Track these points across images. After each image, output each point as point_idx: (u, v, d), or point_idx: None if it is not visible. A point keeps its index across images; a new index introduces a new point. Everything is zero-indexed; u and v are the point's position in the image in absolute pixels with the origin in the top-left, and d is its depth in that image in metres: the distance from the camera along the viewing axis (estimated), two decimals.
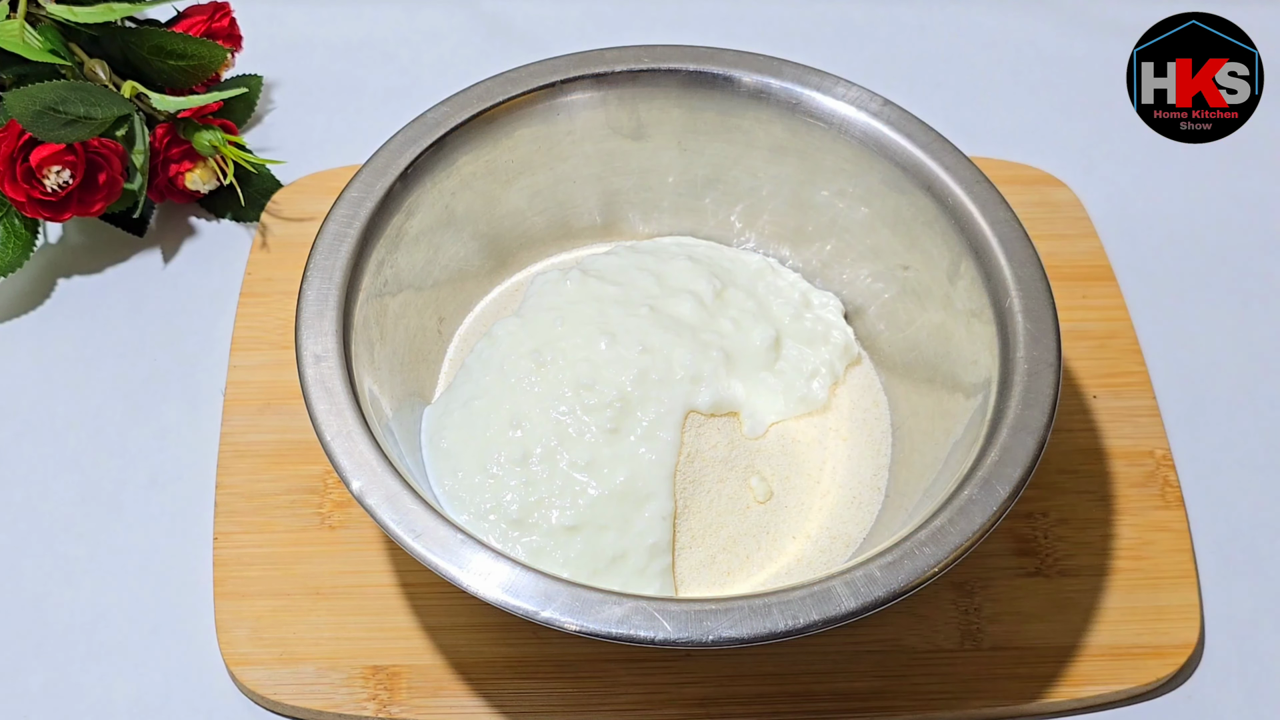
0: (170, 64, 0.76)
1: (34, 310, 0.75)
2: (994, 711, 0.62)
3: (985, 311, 0.61)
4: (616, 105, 0.68)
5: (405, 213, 0.64)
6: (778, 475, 0.63)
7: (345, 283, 0.60)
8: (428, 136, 0.64)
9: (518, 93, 0.66)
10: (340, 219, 0.61)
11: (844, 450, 0.65)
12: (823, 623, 0.51)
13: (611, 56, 0.67)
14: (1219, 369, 0.74)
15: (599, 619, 0.50)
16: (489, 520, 0.60)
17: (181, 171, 0.76)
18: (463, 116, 0.65)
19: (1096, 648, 0.63)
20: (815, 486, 0.64)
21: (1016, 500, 0.54)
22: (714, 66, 0.67)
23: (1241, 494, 0.70)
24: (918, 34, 0.92)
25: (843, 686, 0.61)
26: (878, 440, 0.66)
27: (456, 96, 0.66)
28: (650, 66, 0.67)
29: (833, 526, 0.63)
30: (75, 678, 0.63)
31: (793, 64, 0.67)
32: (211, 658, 0.63)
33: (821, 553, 0.62)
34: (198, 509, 0.67)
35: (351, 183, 0.63)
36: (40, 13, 0.74)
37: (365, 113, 0.85)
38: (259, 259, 0.76)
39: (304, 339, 0.57)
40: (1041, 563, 0.65)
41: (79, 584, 0.65)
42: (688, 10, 0.92)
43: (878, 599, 0.51)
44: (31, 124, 0.69)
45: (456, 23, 0.91)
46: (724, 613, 0.51)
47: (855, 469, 0.65)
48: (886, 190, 0.65)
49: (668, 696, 0.61)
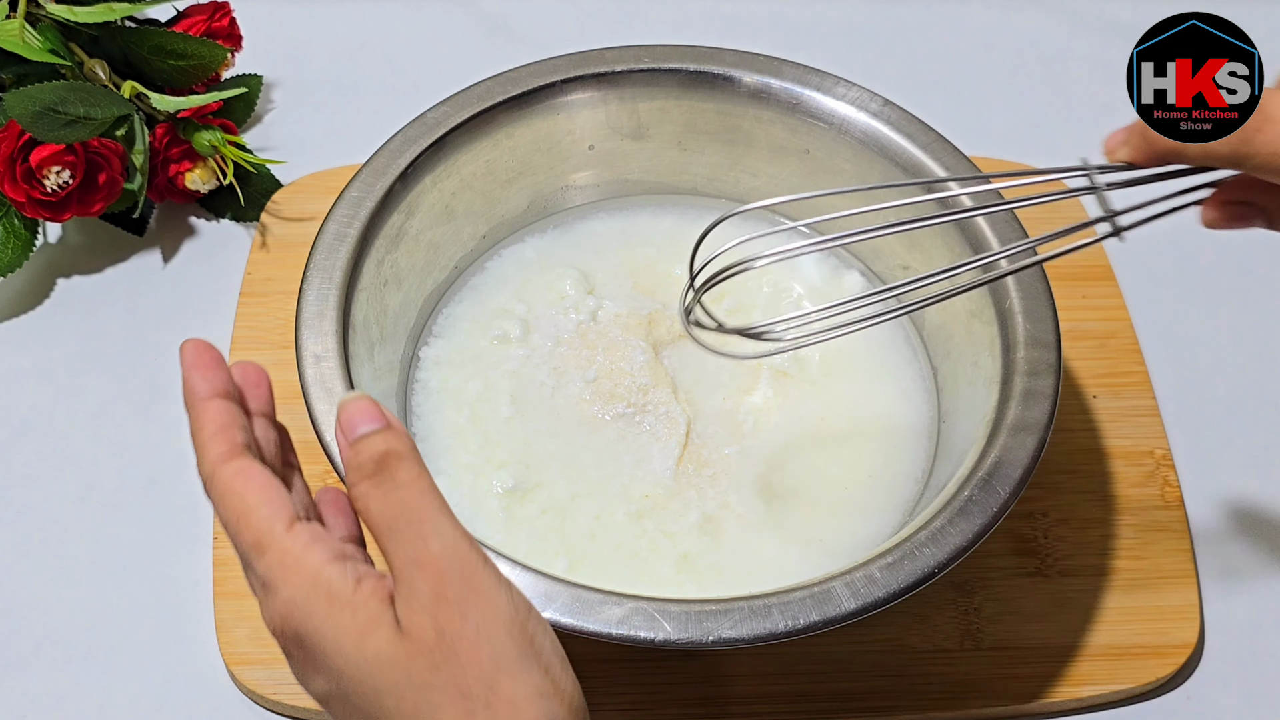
0: (170, 64, 0.76)
1: (34, 310, 0.75)
2: (994, 711, 0.62)
3: (985, 312, 0.61)
4: (617, 105, 0.68)
5: (405, 212, 0.64)
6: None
7: (345, 282, 0.60)
8: (427, 136, 0.64)
9: (518, 92, 0.66)
10: (340, 219, 0.61)
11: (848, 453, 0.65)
12: (823, 623, 0.51)
13: (612, 56, 0.67)
14: (1219, 369, 0.74)
15: (599, 619, 0.50)
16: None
17: (181, 171, 0.76)
18: (462, 116, 0.65)
19: (1096, 648, 0.63)
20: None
21: (1016, 501, 0.54)
22: (715, 66, 0.67)
23: (1241, 494, 0.70)
24: (918, 34, 0.92)
25: (843, 686, 0.61)
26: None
27: (456, 96, 0.66)
28: (650, 66, 0.67)
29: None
30: (75, 678, 0.63)
31: (793, 64, 0.67)
32: (211, 658, 0.63)
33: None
34: (198, 509, 0.67)
35: (351, 183, 0.63)
36: (40, 12, 0.74)
37: (365, 113, 0.85)
38: (259, 259, 0.76)
39: (304, 339, 0.58)
40: (1041, 563, 0.65)
41: (79, 584, 0.65)
42: (688, 10, 0.92)
43: (878, 599, 0.51)
44: (31, 124, 0.69)
45: (456, 23, 0.91)
46: (724, 613, 0.51)
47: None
48: (888, 190, 0.65)
49: (668, 696, 0.61)
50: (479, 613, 0.41)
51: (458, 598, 0.41)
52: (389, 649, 0.41)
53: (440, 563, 0.42)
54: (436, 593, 0.41)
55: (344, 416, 0.45)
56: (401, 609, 0.42)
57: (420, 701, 0.41)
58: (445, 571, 0.42)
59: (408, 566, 0.42)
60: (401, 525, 0.42)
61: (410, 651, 0.41)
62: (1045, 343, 0.58)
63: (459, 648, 0.41)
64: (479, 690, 0.41)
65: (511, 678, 0.41)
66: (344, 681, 0.42)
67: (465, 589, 0.42)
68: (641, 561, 0.60)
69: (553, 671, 0.42)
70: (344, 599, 0.42)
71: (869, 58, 0.90)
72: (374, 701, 0.42)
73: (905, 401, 0.66)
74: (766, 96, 0.67)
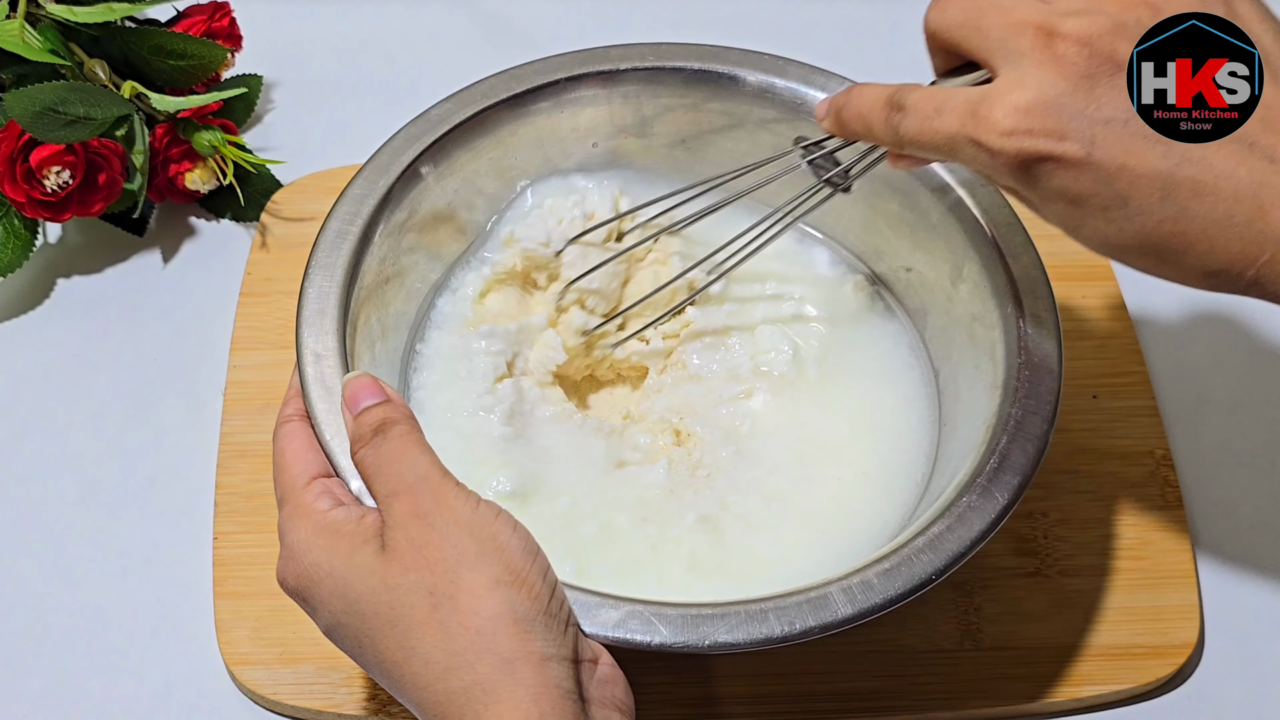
0: (170, 64, 0.76)
1: (34, 310, 0.75)
2: (994, 711, 0.62)
3: (988, 316, 0.61)
4: (621, 103, 0.68)
5: (408, 209, 0.63)
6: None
7: (347, 280, 0.59)
8: (430, 134, 0.64)
9: (521, 90, 0.66)
10: (342, 216, 0.61)
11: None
12: (819, 629, 0.51)
13: (616, 54, 0.67)
14: (1219, 369, 0.74)
15: (596, 622, 0.50)
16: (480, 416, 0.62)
17: (181, 171, 0.76)
18: (466, 114, 0.65)
19: (1096, 648, 0.63)
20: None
21: (1015, 507, 0.54)
22: (719, 65, 0.67)
23: (1241, 494, 0.70)
24: (918, 34, 0.92)
25: (843, 686, 0.61)
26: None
27: (459, 94, 0.66)
28: (655, 65, 0.67)
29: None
30: (75, 678, 0.63)
31: (798, 63, 0.67)
32: (211, 658, 0.63)
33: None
34: (198, 509, 0.67)
35: (354, 180, 0.62)
36: (40, 12, 0.74)
37: (365, 113, 0.85)
38: (259, 259, 0.76)
39: (305, 337, 0.57)
40: (1041, 563, 0.65)
41: (79, 584, 0.65)
42: (688, 10, 0.92)
43: (874, 605, 0.51)
44: (31, 125, 0.69)
45: (456, 23, 0.91)
46: (720, 617, 0.51)
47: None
48: (889, 191, 0.65)
49: (667, 696, 0.61)
50: (443, 519, 0.47)
51: (426, 511, 0.47)
52: (371, 561, 0.47)
53: (415, 488, 0.48)
54: (410, 511, 0.47)
55: (348, 393, 0.52)
56: (385, 532, 0.48)
57: (394, 603, 0.46)
58: (418, 494, 0.48)
59: (388, 497, 0.48)
60: (385, 466, 0.49)
61: (387, 560, 0.47)
62: (1047, 348, 0.58)
63: (427, 551, 0.47)
64: (443, 585, 0.46)
65: (471, 569, 0.46)
66: (338, 602, 0.48)
67: (433, 503, 0.47)
68: (646, 564, 0.60)
69: (514, 563, 0.47)
70: (344, 532, 0.49)
71: (869, 58, 0.90)
72: (358, 614, 0.47)
73: (906, 406, 0.66)
74: (771, 96, 0.67)
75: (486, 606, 0.46)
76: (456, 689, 0.45)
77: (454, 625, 0.46)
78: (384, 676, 0.48)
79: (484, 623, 0.45)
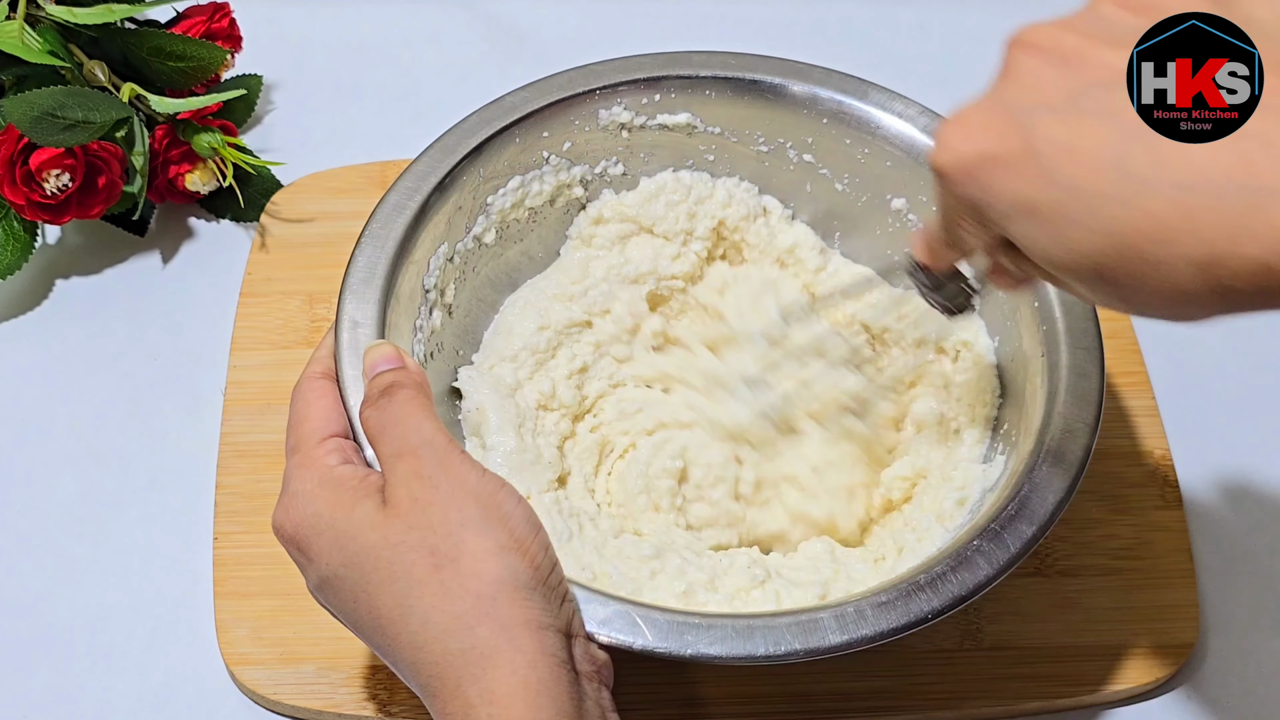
0: (170, 65, 0.76)
1: (34, 311, 0.75)
2: (994, 711, 0.62)
3: (1035, 360, 0.60)
4: (699, 107, 0.68)
5: (471, 193, 0.63)
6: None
7: (396, 252, 0.59)
8: (503, 118, 0.64)
9: (601, 85, 0.66)
10: (403, 190, 0.61)
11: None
12: (804, 653, 0.51)
13: (698, 60, 0.67)
14: (1219, 369, 0.74)
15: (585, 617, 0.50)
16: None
17: (181, 173, 0.76)
18: (542, 102, 0.65)
19: (1096, 648, 0.63)
20: None
21: (1024, 558, 0.53)
22: (795, 81, 0.67)
23: (1241, 494, 0.70)
24: (918, 34, 0.92)
25: (843, 686, 0.61)
26: None
27: (537, 84, 0.66)
28: (736, 75, 0.67)
29: None
30: (75, 678, 0.63)
31: (879, 87, 0.67)
32: (211, 658, 0.63)
33: None
34: (198, 509, 0.67)
35: (419, 157, 0.62)
36: (40, 14, 0.74)
37: (365, 113, 0.85)
38: (259, 259, 0.76)
39: (346, 303, 0.57)
40: (1041, 563, 0.65)
41: (79, 584, 0.65)
42: (688, 10, 0.92)
43: (863, 637, 0.51)
44: (30, 129, 0.69)
45: (456, 23, 0.91)
46: (706, 628, 0.51)
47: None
48: None
49: (667, 696, 0.61)
50: (448, 483, 0.47)
51: (431, 473, 0.48)
52: (372, 514, 0.48)
53: (419, 450, 0.48)
54: (413, 470, 0.48)
55: (368, 361, 0.54)
56: (386, 490, 0.48)
57: (394, 559, 0.47)
58: (422, 456, 0.48)
59: (391, 458, 0.49)
60: (390, 427, 0.50)
61: (388, 515, 0.47)
62: (1086, 403, 0.57)
63: (430, 512, 0.47)
64: (446, 546, 0.46)
65: (476, 534, 0.46)
66: (336, 555, 0.48)
67: (438, 467, 0.48)
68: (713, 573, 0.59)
69: (517, 532, 0.47)
70: (347, 485, 0.49)
71: (869, 58, 0.89)
72: (356, 568, 0.47)
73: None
74: (845, 117, 0.67)
75: (489, 571, 0.46)
76: (454, 650, 0.45)
77: (455, 587, 0.46)
78: (376, 634, 0.48)
79: (485, 587, 0.46)
